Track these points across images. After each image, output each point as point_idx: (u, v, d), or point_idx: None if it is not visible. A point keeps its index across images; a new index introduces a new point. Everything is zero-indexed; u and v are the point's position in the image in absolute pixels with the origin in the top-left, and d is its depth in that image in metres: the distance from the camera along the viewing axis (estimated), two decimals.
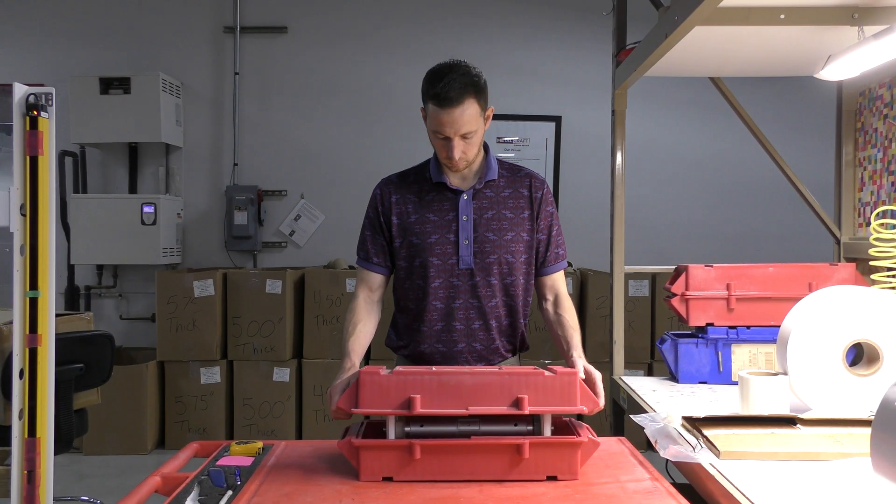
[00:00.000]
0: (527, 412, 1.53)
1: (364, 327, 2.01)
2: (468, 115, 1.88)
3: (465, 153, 1.94)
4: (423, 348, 2.05)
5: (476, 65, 1.99)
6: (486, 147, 2.07)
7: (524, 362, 2.19)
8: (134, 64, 5.26)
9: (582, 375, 1.72)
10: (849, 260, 2.90)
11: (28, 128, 1.78)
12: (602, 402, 1.64)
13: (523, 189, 2.04)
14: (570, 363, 1.89)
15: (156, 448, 4.75)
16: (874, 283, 2.26)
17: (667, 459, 1.63)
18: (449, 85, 1.85)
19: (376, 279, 2.07)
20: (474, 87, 1.89)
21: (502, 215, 2.01)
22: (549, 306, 2.09)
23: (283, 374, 4.73)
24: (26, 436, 1.79)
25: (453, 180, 2.02)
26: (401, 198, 2.04)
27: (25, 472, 1.79)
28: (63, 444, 2.96)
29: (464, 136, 1.91)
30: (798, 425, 1.72)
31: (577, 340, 1.99)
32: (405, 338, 2.09)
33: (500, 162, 2.09)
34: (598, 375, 1.77)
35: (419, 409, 1.52)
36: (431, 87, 1.88)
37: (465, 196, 2.00)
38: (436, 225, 2.00)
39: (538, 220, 2.05)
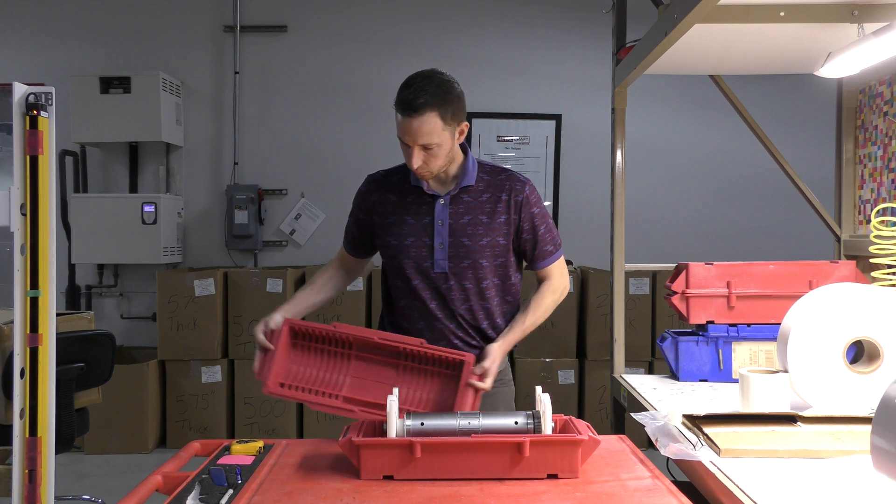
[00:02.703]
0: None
1: (309, 290, 2.17)
2: (427, 127, 1.86)
3: (427, 163, 1.92)
4: None
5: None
6: (466, 150, 2.06)
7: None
8: (134, 63, 5.26)
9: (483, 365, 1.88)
10: (849, 257, 2.90)
11: (28, 127, 1.78)
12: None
13: (502, 193, 2.02)
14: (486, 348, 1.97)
15: (157, 447, 4.75)
16: (874, 280, 2.26)
17: (667, 457, 1.63)
18: (414, 94, 1.85)
19: (347, 258, 2.24)
20: (440, 99, 1.86)
21: (478, 220, 2.00)
22: (537, 287, 2.15)
23: None
24: (27, 435, 1.79)
25: (431, 184, 2.02)
26: (381, 198, 2.08)
27: (27, 471, 1.79)
28: (64, 443, 2.96)
29: (424, 147, 1.89)
30: (798, 423, 1.72)
31: (520, 322, 2.04)
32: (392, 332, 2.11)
33: (482, 164, 2.07)
34: (492, 360, 1.90)
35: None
36: (399, 94, 1.89)
37: (441, 201, 2.01)
38: (413, 228, 2.02)
39: (520, 224, 2.03)
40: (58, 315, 1.97)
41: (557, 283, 2.13)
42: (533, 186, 2.08)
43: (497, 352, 1.94)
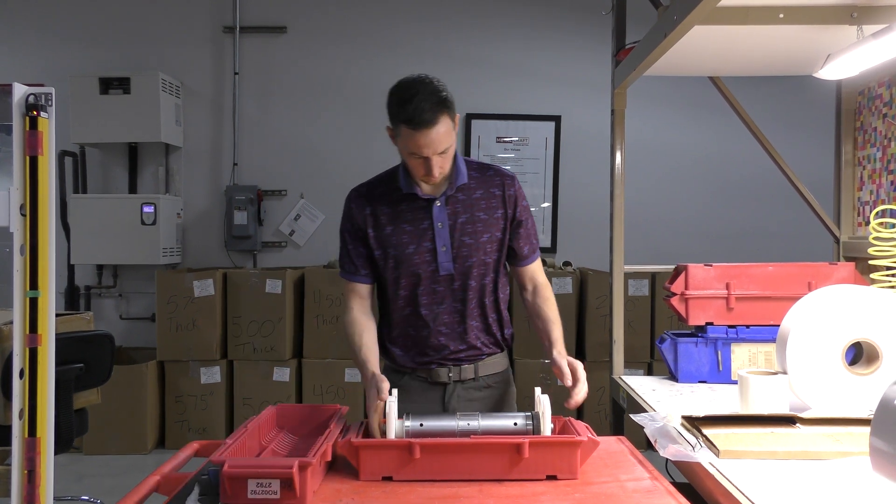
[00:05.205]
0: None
1: (369, 335, 2.01)
2: (443, 133, 1.87)
3: (443, 168, 1.93)
4: (412, 354, 2.06)
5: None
6: None
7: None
8: (134, 64, 5.26)
9: (568, 382, 1.83)
10: (848, 259, 2.90)
11: (28, 128, 1.78)
12: (582, 395, 1.82)
13: (494, 188, 2.03)
14: (551, 360, 1.94)
15: (156, 448, 4.75)
16: (873, 282, 2.26)
17: (666, 459, 1.63)
18: (421, 106, 1.83)
19: (365, 288, 2.08)
20: (444, 103, 1.87)
21: (476, 217, 2.00)
22: (529, 296, 2.13)
23: (283, 374, 4.73)
24: (26, 435, 1.79)
25: (424, 188, 2.00)
26: (374, 210, 2.04)
27: (26, 471, 1.79)
28: (63, 443, 2.96)
29: (441, 153, 1.89)
30: (797, 424, 1.73)
31: (558, 334, 2.03)
32: (393, 347, 2.09)
33: (468, 162, 2.07)
34: (579, 365, 1.86)
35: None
36: (402, 111, 1.85)
37: (438, 203, 2.00)
38: (412, 235, 2.00)
39: (514, 218, 2.04)
40: (57, 316, 1.96)
41: (547, 284, 2.14)
42: (518, 181, 2.10)
43: (574, 361, 1.90)
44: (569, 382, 1.82)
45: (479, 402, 2.07)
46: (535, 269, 2.13)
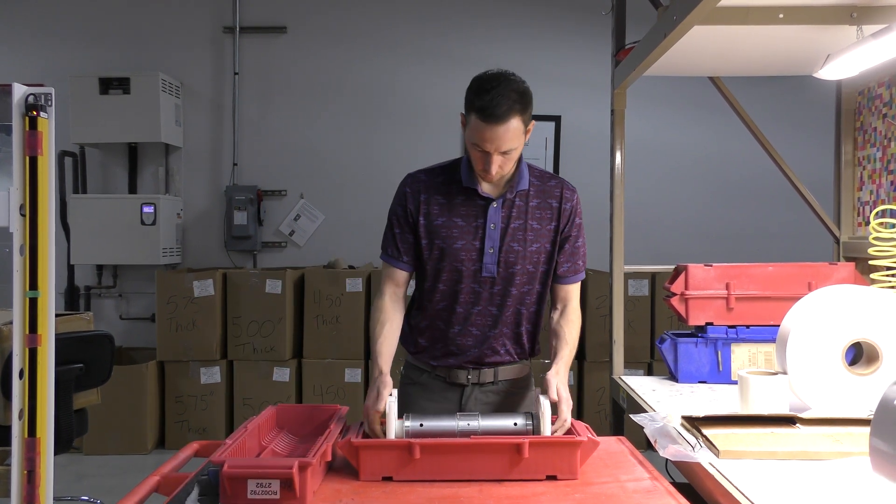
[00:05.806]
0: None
1: (391, 327, 1.98)
2: (511, 133, 1.82)
3: (503, 168, 1.88)
4: (437, 347, 2.04)
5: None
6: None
7: (531, 364, 2.19)
8: (134, 64, 5.27)
9: (554, 396, 1.75)
10: (848, 259, 2.90)
11: (27, 128, 1.78)
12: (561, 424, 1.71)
13: (552, 199, 1.99)
14: (545, 377, 1.83)
15: (156, 448, 4.75)
16: (873, 282, 2.26)
17: (666, 459, 1.63)
18: (496, 100, 1.79)
19: (403, 276, 2.04)
20: (521, 103, 1.83)
21: (529, 226, 1.96)
22: (556, 315, 2.05)
23: (282, 374, 4.73)
24: (26, 436, 1.79)
25: (484, 187, 1.96)
26: (429, 198, 1.99)
27: (25, 472, 1.79)
28: (63, 444, 2.96)
29: (504, 153, 1.85)
30: (797, 424, 1.73)
31: (564, 354, 1.94)
32: (420, 337, 2.07)
33: (531, 168, 2.03)
34: (564, 399, 1.75)
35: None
36: (477, 99, 1.82)
37: (494, 204, 1.95)
38: (462, 230, 1.96)
39: (563, 232, 2.00)
40: (57, 316, 1.96)
41: (576, 308, 2.05)
42: (579, 197, 2.04)
43: (564, 391, 1.79)
44: (554, 399, 1.75)
45: (496, 406, 2.05)
46: (570, 291, 2.05)
